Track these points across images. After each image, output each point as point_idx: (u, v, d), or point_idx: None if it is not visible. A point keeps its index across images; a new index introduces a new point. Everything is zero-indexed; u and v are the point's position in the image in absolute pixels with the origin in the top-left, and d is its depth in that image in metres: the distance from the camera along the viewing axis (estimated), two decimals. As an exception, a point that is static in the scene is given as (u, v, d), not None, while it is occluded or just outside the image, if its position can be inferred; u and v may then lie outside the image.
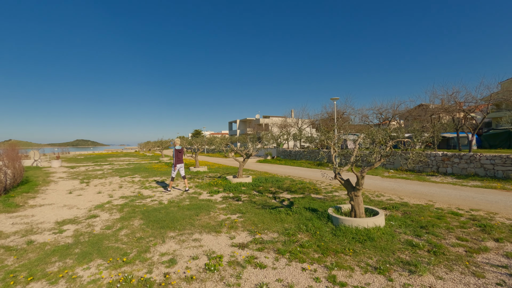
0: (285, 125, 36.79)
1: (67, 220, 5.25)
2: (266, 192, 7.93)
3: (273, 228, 4.65)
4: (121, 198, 7.36)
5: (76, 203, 6.86)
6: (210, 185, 9.26)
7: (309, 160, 19.11)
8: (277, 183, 9.46)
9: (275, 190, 8.23)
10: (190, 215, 5.55)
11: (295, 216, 5.30)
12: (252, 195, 7.52)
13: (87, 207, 6.34)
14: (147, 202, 6.88)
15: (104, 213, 5.74)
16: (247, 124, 56.71)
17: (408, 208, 5.76)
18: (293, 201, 6.67)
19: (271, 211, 5.65)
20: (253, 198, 7.16)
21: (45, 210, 6.15)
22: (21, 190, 8.60)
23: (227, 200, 6.99)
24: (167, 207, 6.25)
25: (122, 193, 8.24)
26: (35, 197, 7.59)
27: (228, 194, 7.80)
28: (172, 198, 7.40)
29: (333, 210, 5.05)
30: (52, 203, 6.87)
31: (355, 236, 4.06)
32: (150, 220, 5.14)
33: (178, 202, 6.83)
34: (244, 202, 6.73)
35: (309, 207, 5.94)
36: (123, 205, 6.50)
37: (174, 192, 8.22)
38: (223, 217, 5.43)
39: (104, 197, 7.54)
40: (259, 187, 8.83)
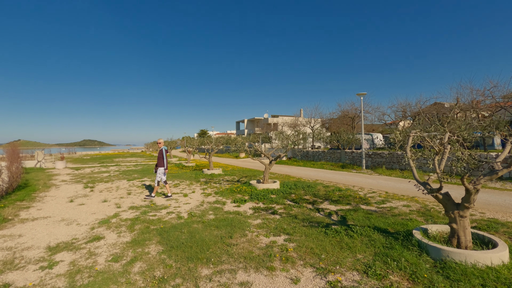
0: (296, 124, 35.38)
1: (62, 245, 3.99)
2: (302, 202, 6.59)
3: (345, 261, 3.31)
4: (131, 209, 6.10)
5: (76, 216, 5.62)
6: (232, 191, 7.95)
7: (330, 161, 17.69)
8: (309, 190, 8.11)
9: (313, 200, 6.88)
10: (221, 236, 4.25)
11: (363, 240, 3.96)
12: (288, 206, 6.20)
13: (89, 223, 5.08)
14: (162, 215, 5.61)
15: (111, 233, 4.47)
16: (255, 123, 55.42)
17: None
18: (344, 216, 5.32)
19: (326, 232, 4.32)
20: (291, 211, 5.84)
21: (38, 226, 4.91)
22: (15, 197, 7.43)
23: (259, 213, 5.68)
24: (189, 223, 4.96)
25: (131, 202, 6.99)
26: (30, 207, 6.39)
27: (257, 204, 6.50)
28: (192, 209, 6.12)
29: (421, 235, 3.67)
30: (47, 215, 5.64)
31: (483, 282, 2.70)
32: (171, 246, 3.85)
33: (200, 215, 5.54)
34: (283, 216, 5.41)
35: (373, 225, 4.59)
36: (134, 219, 5.23)
37: (192, 201, 6.94)
38: (265, 240, 4.11)
39: (111, 208, 6.29)
40: (291, 195, 7.50)
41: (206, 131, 79.83)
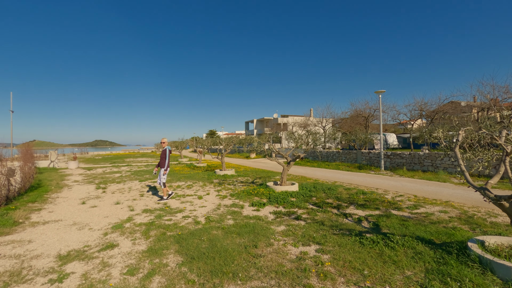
0: (307, 124, 34.75)
1: (74, 253, 3.67)
2: (326, 206, 6.12)
3: (394, 279, 2.85)
4: (145, 213, 5.78)
5: (88, 219, 5.34)
6: (249, 194, 7.55)
7: (345, 162, 17.08)
8: (330, 193, 7.62)
9: (337, 204, 6.40)
10: (245, 245, 3.84)
11: (407, 252, 3.48)
12: (311, 211, 5.74)
13: (102, 228, 4.77)
14: (178, 219, 5.26)
15: (125, 240, 4.14)
16: (265, 123, 54.97)
17: None
18: (377, 223, 4.82)
19: (361, 241, 3.86)
20: (315, 216, 5.39)
21: (49, 231, 4.64)
22: (27, 198, 7.24)
23: (282, 218, 5.25)
24: (207, 229, 4.57)
25: (144, 204, 6.69)
26: (41, 209, 6.16)
27: (277, 208, 6.07)
28: (208, 213, 5.74)
29: (480, 248, 3.16)
30: (59, 219, 5.38)
31: None
32: (191, 256, 3.47)
33: (218, 220, 5.16)
34: (308, 222, 4.96)
35: (413, 234, 4.09)
36: (149, 224, 4.89)
37: (207, 204, 6.57)
38: (294, 250, 3.68)
39: (124, 211, 5.99)
40: (312, 198, 7.04)
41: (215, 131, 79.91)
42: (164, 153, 7.27)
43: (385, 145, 26.31)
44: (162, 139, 7.46)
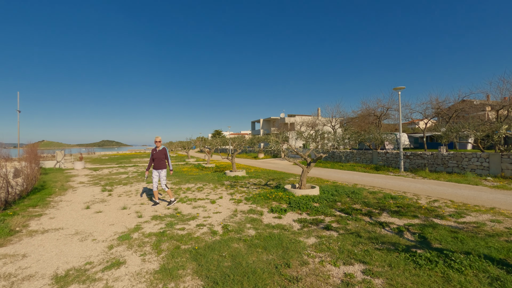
0: (315, 124, 33.97)
1: (73, 272, 3.09)
2: (355, 213, 5.45)
3: (481, 319, 2.18)
4: (154, 220, 5.20)
5: (92, 227, 4.78)
6: (266, 198, 6.93)
7: (360, 163, 16.32)
8: (355, 197, 6.95)
9: (366, 210, 5.72)
10: (275, 263, 3.22)
11: (479, 277, 2.81)
12: (340, 219, 5.09)
13: (107, 238, 4.20)
14: (191, 228, 4.66)
15: (133, 255, 3.55)
16: (271, 123, 54.29)
17: None
18: (423, 235, 4.14)
19: (415, 260, 3.19)
20: (347, 225, 4.73)
21: (47, 242, 4.08)
22: (28, 202, 6.75)
23: (309, 228, 4.61)
24: (227, 241, 3.96)
25: (153, 209, 6.12)
26: (42, 215, 5.64)
27: (301, 215, 5.43)
28: (225, 220, 5.14)
29: None
30: (60, 227, 4.83)
31: None
32: (213, 279, 2.86)
33: (237, 229, 4.54)
34: (340, 233, 4.31)
35: (477, 251, 3.40)
36: (159, 234, 4.30)
37: (222, 209, 5.97)
38: (336, 271, 3.04)
39: (131, 217, 5.43)
40: (337, 203, 6.37)
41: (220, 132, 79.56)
42: (164, 153, 6.70)
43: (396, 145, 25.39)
44: (156, 138, 6.62)
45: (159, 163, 6.58)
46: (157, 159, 6.57)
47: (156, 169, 6.58)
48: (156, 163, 6.57)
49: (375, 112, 25.31)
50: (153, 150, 6.66)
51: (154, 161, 6.57)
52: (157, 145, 6.67)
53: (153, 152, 6.62)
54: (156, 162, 6.57)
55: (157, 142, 6.66)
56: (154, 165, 6.58)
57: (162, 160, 6.62)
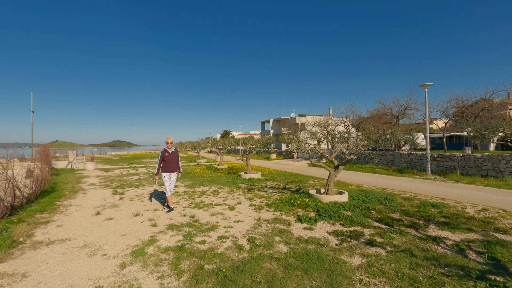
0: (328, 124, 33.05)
1: (79, 301, 2.56)
2: (397, 224, 4.76)
3: None
4: (170, 230, 4.66)
5: (102, 239, 4.27)
6: (290, 204, 6.30)
7: (380, 165, 15.46)
8: (389, 204, 6.23)
9: (409, 221, 5.01)
10: (323, 293, 2.60)
11: None
12: (382, 231, 4.41)
13: (118, 253, 3.67)
14: (213, 241, 4.09)
15: (149, 277, 2.99)
16: (281, 123, 53.51)
17: None
18: (493, 255, 3.43)
19: (502, 294, 2.51)
20: (392, 239, 4.06)
21: (51, 257, 3.59)
22: (36, 206, 6.35)
23: (349, 243, 3.96)
24: (257, 260, 3.36)
25: (168, 216, 5.59)
26: (49, 222, 5.19)
27: (333, 226, 4.79)
28: (249, 231, 4.55)
29: None
30: (67, 237, 4.35)
31: None
32: (250, 317, 2.26)
33: (266, 243, 3.94)
34: (389, 251, 3.65)
35: None
36: (178, 249, 3.74)
37: (243, 217, 5.37)
38: (404, 308, 2.39)
39: (145, 226, 4.90)
40: (371, 211, 5.69)
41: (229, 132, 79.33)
42: (177, 155, 6.26)
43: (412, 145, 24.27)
44: (168, 139, 6.12)
45: (172, 166, 6.13)
46: (170, 161, 6.11)
47: (168, 172, 6.10)
48: (169, 166, 6.10)
49: (392, 111, 24.24)
50: (164, 151, 6.14)
51: (165, 164, 6.09)
52: (168, 147, 6.18)
53: (165, 154, 6.11)
54: (170, 165, 6.11)
55: (169, 143, 6.17)
56: (166, 168, 6.08)
57: (175, 163, 6.18)
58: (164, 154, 6.11)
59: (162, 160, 6.09)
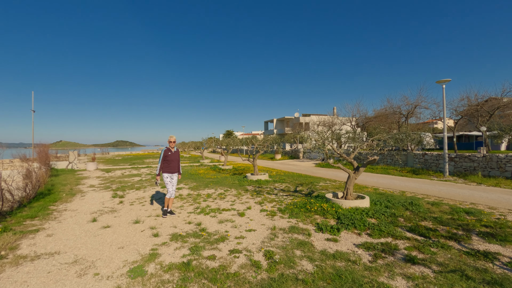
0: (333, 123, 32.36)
1: None
2: (434, 235, 4.15)
3: None
4: (174, 241, 4.08)
5: (96, 252, 3.70)
6: (306, 210, 5.70)
7: (392, 165, 14.80)
8: (416, 210, 5.61)
9: (445, 231, 4.39)
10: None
11: None
12: (418, 244, 3.80)
13: (113, 273, 3.10)
14: (224, 256, 3.50)
15: (149, 308, 2.42)
16: (285, 123, 52.89)
17: None
18: None
19: None
20: (434, 255, 3.46)
21: (35, 276, 3.03)
22: (27, 212, 5.81)
23: (384, 260, 3.36)
24: (280, 283, 2.77)
25: (171, 223, 5.01)
26: (39, 231, 4.64)
27: (360, 236, 4.20)
28: (264, 243, 3.96)
29: None
30: (56, 251, 3.78)
31: None
32: None
33: (286, 260, 3.35)
34: (436, 270, 3.05)
35: None
36: (183, 267, 3.16)
37: (255, 225, 4.78)
38: None
39: (145, 236, 4.33)
40: (398, 219, 5.07)
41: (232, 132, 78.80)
42: (179, 155, 5.82)
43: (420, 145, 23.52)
44: (171, 138, 5.68)
45: (174, 166, 5.67)
46: (173, 161, 5.64)
47: (170, 173, 5.64)
48: (171, 166, 5.63)
49: (400, 110, 23.50)
50: (167, 151, 5.66)
51: (167, 164, 5.60)
52: (171, 146, 5.70)
53: (168, 153, 5.63)
54: (172, 165, 5.64)
55: (172, 142, 5.70)
56: (168, 168, 5.61)
57: (177, 163, 5.73)
58: (166, 153, 5.64)
59: (164, 160, 5.60)
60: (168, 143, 5.75)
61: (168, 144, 5.74)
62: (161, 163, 5.61)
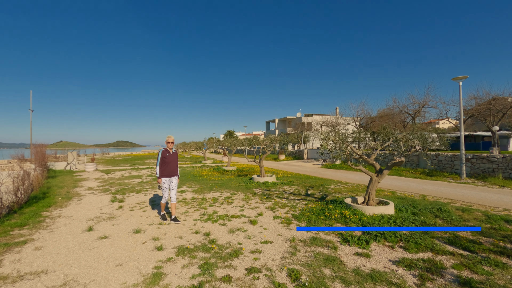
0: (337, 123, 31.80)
1: None
2: (478, 249, 3.59)
3: None
4: (181, 255, 3.54)
5: (90, 272, 3.16)
6: (324, 217, 5.14)
7: (403, 167, 14.23)
8: (445, 217, 5.05)
9: (490, 243, 3.83)
10: None
11: None
12: (466, 261, 3.25)
13: (109, 300, 2.56)
14: (241, 277, 2.96)
15: None
16: (287, 123, 52.32)
17: None
18: None
19: None
20: (490, 275, 2.92)
21: (13, 306, 2.49)
22: (17, 219, 5.26)
23: (433, 282, 2.81)
24: (316, 317, 2.23)
25: (177, 233, 4.47)
26: (26, 243, 4.10)
27: (394, 250, 3.64)
28: (284, 259, 3.41)
29: None
30: (43, 269, 3.24)
31: None
32: None
33: (316, 282, 2.80)
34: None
35: None
36: (194, 293, 2.62)
37: (271, 236, 4.24)
38: None
39: (147, 249, 3.79)
40: (432, 232, 4.51)
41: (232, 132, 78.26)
42: (177, 157, 5.40)
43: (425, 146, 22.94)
44: (170, 138, 5.24)
45: (173, 169, 5.25)
46: (172, 163, 5.23)
47: (169, 176, 5.23)
48: (169, 168, 5.21)
49: (407, 109, 22.94)
50: (165, 151, 5.22)
51: (166, 166, 5.18)
52: (169, 147, 5.27)
53: (166, 154, 5.20)
54: (171, 167, 5.22)
55: (171, 143, 5.27)
56: (167, 171, 5.19)
57: (175, 165, 5.30)
58: (164, 154, 5.20)
59: (162, 162, 5.16)
60: (166, 143, 5.29)
61: (165, 144, 5.29)
62: (159, 165, 5.16)
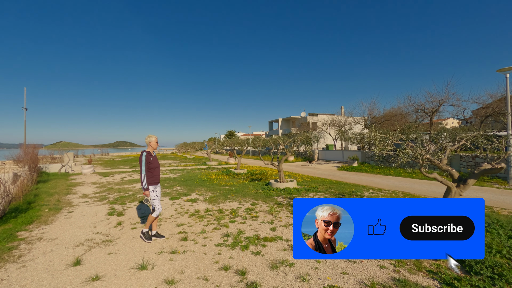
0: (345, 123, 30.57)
1: None
2: None
3: None
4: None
5: None
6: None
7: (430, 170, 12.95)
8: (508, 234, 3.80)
9: None
10: None
11: None
12: None
13: None
14: None
15: None
16: (291, 123, 51.08)
17: None
18: None
19: None
20: None
21: None
22: (-17, 244, 4.00)
23: None
24: None
25: (198, 269, 3.20)
26: (-18, 289, 2.84)
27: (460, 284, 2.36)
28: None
29: None
30: None
31: None
32: None
33: None
34: None
35: None
36: None
37: (340, 282, 2.97)
38: None
39: (159, 304, 2.52)
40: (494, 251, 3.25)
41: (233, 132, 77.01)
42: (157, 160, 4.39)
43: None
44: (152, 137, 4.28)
45: (158, 175, 4.22)
46: (156, 168, 4.20)
47: (155, 184, 4.17)
48: (155, 174, 4.17)
49: (424, 108, 21.63)
50: (148, 155, 4.10)
51: (152, 172, 4.15)
52: (153, 148, 4.24)
53: (150, 159, 4.10)
54: (156, 173, 4.18)
55: (157, 143, 4.27)
56: (153, 178, 4.16)
57: (159, 170, 4.31)
58: (149, 158, 4.08)
59: (148, 168, 4.06)
60: (148, 145, 4.19)
61: (148, 146, 4.20)
62: (145, 172, 4.02)
